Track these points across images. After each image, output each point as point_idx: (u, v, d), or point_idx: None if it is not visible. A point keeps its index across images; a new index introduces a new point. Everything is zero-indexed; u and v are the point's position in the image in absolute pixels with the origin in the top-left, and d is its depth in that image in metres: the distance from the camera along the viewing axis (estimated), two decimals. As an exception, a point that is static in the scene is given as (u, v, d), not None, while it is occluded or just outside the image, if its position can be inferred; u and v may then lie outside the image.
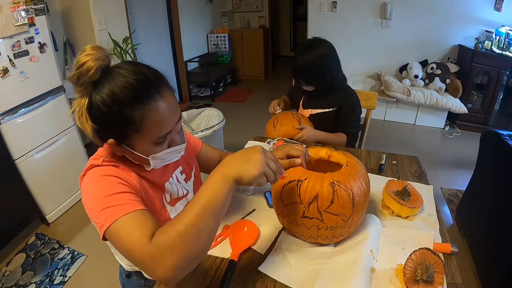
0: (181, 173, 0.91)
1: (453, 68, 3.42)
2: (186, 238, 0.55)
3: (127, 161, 0.73)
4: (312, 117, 1.56)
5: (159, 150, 0.70)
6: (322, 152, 0.91)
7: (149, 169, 0.74)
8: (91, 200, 0.65)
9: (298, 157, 0.77)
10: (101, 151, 0.73)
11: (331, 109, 1.53)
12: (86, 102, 0.64)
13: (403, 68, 3.66)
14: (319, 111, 1.56)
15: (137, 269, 0.89)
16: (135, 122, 0.64)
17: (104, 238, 0.63)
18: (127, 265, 0.91)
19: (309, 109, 1.59)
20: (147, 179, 0.77)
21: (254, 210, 0.99)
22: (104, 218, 0.61)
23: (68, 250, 1.95)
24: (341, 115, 1.52)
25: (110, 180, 0.67)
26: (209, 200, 0.58)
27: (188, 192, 0.90)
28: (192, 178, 0.95)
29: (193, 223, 0.56)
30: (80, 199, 2.37)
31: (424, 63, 3.55)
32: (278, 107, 1.66)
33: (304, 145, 1.15)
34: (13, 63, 1.82)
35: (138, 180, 0.72)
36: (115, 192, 0.64)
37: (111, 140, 0.67)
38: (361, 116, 1.56)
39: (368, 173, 0.86)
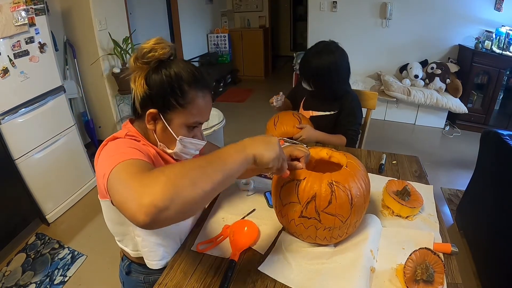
0: None
1: (453, 68, 3.42)
2: (188, 173, 0.54)
3: (148, 140, 0.82)
4: (312, 119, 1.55)
5: (187, 135, 0.79)
6: (323, 153, 0.92)
7: (168, 152, 0.81)
8: (104, 158, 0.68)
9: (301, 158, 0.78)
10: (122, 131, 0.80)
11: (332, 112, 1.53)
12: (147, 70, 0.75)
13: (403, 68, 3.65)
14: (320, 114, 1.56)
15: (140, 254, 0.86)
16: (186, 98, 0.75)
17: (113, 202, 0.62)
18: (132, 250, 0.88)
19: (310, 111, 1.59)
20: (162, 158, 0.83)
21: (254, 210, 1.00)
22: (109, 164, 0.61)
23: (68, 250, 1.95)
24: (342, 118, 1.52)
25: (127, 141, 0.74)
26: (222, 157, 0.60)
27: None
28: None
29: (200, 164, 0.56)
30: (80, 199, 2.38)
31: (424, 63, 3.54)
32: (278, 97, 1.57)
33: (304, 145, 1.15)
34: (13, 63, 1.82)
35: (155, 154, 0.79)
36: (129, 146, 0.69)
37: (152, 110, 0.75)
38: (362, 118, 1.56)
39: (368, 173, 0.86)
